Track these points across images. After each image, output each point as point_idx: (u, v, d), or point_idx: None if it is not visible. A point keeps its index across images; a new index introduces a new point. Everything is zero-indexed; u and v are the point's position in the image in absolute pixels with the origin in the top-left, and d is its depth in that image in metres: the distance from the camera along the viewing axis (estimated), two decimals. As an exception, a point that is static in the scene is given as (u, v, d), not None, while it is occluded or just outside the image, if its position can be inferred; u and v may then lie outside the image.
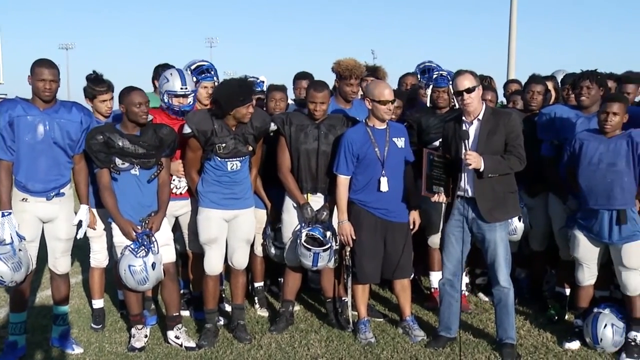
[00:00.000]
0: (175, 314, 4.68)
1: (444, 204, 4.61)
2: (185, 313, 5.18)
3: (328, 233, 4.71)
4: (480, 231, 4.43)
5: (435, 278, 5.42)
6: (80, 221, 4.49)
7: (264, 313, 5.38)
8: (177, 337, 4.64)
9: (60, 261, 4.51)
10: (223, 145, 4.49)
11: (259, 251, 5.31)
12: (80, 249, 5.24)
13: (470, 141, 4.30)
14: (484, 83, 6.03)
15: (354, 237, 4.65)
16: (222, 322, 5.07)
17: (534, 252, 5.49)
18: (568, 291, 5.15)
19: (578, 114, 4.82)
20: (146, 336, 4.69)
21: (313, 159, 4.76)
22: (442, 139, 4.63)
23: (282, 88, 5.60)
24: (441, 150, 4.64)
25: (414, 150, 4.85)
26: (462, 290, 5.03)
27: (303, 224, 4.75)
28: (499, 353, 4.47)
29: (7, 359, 4.34)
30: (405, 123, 5.24)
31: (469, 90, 4.27)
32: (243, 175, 4.64)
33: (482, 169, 4.21)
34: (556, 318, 5.14)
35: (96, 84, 4.81)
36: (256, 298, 5.48)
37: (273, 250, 5.12)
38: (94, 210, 4.72)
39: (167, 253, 4.55)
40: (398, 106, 5.30)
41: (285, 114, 4.93)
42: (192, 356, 4.52)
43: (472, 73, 4.37)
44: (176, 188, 4.76)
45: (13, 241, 4.12)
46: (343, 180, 4.62)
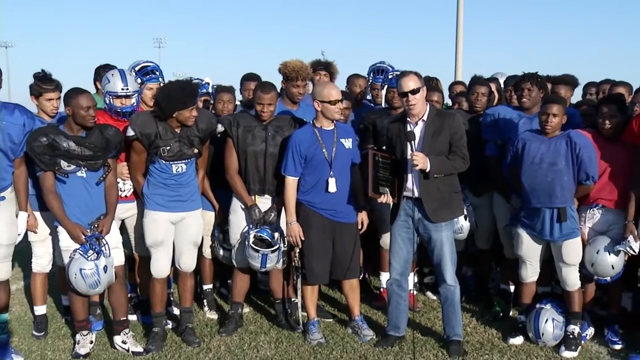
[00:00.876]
0: (122, 319, 4.60)
1: (391, 205, 4.65)
2: (132, 317, 5.08)
3: (276, 234, 4.70)
4: (426, 231, 4.49)
5: (385, 278, 5.47)
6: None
7: (213, 315, 5.34)
8: (124, 342, 4.56)
9: (0, 267, 4.37)
10: (167, 148, 4.43)
11: (208, 253, 5.26)
12: (21, 255, 5.10)
13: (415, 142, 4.34)
14: (431, 84, 6.13)
15: (303, 238, 4.66)
16: (170, 326, 5.01)
17: (480, 251, 5.60)
18: (513, 288, 5.27)
19: (520, 115, 4.93)
20: (92, 342, 4.59)
21: (261, 161, 4.75)
22: (387, 140, 4.66)
23: (230, 90, 5.56)
24: (386, 151, 4.67)
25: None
26: (411, 289, 5.09)
27: (251, 226, 4.73)
28: (447, 350, 4.54)
29: None
30: (361, 125, 5.28)
31: (414, 91, 4.31)
32: (189, 177, 4.60)
33: (429, 170, 4.26)
34: (501, 314, 5.25)
35: (44, 82, 4.67)
36: (205, 301, 5.44)
37: (222, 252, 5.08)
38: (37, 213, 4.60)
39: (116, 256, 4.46)
40: (347, 107, 5.34)
41: (232, 116, 4.91)
42: (140, 361, 4.45)
43: (417, 74, 4.41)
44: (121, 191, 4.68)
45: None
46: (291, 181, 4.61)
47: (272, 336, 4.89)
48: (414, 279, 5.40)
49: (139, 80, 4.84)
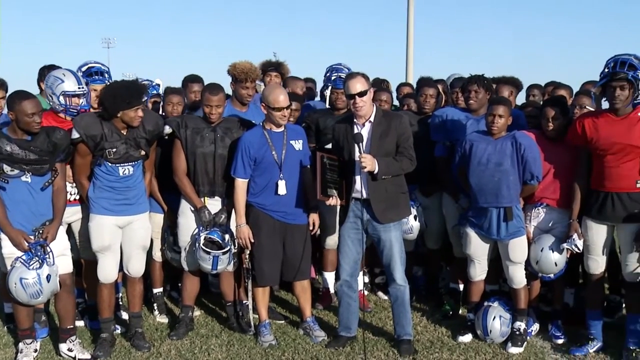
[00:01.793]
0: (69, 327, 4.48)
1: (338, 206, 4.67)
2: (79, 323, 4.98)
3: (227, 236, 4.68)
4: (375, 232, 4.52)
5: (328, 278, 5.51)
6: None
7: (164, 319, 5.27)
8: (70, 350, 4.45)
9: None
10: (114, 150, 4.36)
11: (158, 256, 5.20)
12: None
13: (363, 144, 4.37)
14: (382, 86, 6.19)
15: (253, 240, 4.64)
16: (119, 331, 4.92)
17: (430, 250, 5.67)
18: (462, 287, 5.36)
19: (468, 116, 5.03)
20: (36, 350, 4.46)
21: (210, 163, 4.71)
22: (334, 141, 4.68)
23: (180, 91, 5.51)
24: (333, 152, 4.67)
25: (313, 151, 4.88)
26: (361, 289, 5.13)
27: (201, 228, 4.69)
28: (397, 349, 4.59)
29: None
30: (303, 124, 5.28)
31: (361, 94, 4.33)
32: (136, 180, 4.53)
33: (377, 172, 4.29)
34: (451, 313, 5.33)
35: None
36: (155, 304, 5.36)
37: (172, 254, 5.02)
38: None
39: (64, 264, 4.33)
40: (296, 109, 5.34)
41: (180, 117, 4.87)
42: (86, 368, 4.37)
43: (364, 76, 4.43)
44: (69, 194, 4.57)
45: None
46: (241, 183, 4.59)
47: (224, 339, 4.86)
48: (365, 280, 5.44)
49: (84, 81, 4.76)
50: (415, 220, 5.15)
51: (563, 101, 4.82)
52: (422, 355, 4.57)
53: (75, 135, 4.31)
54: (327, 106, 5.61)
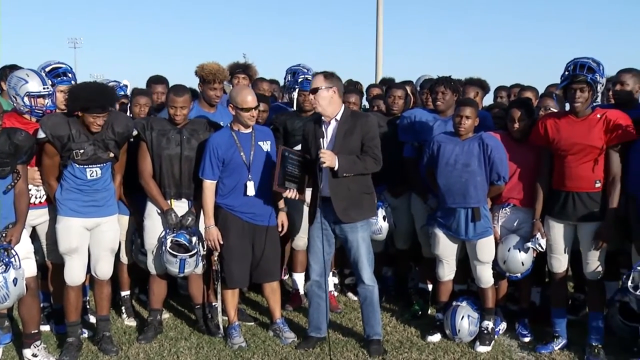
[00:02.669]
0: (33, 331, 4.38)
1: (306, 206, 4.67)
2: (45, 328, 4.90)
3: (194, 238, 4.65)
4: (342, 232, 4.54)
5: (298, 279, 5.51)
6: None
7: (132, 323, 5.22)
8: (35, 355, 4.36)
9: None
10: (81, 151, 4.30)
11: (125, 259, 5.14)
12: None
13: (327, 141, 4.38)
14: (357, 88, 6.25)
15: (222, 242, 4.62)
16: (87, 335, 4.86)
17: (399, 251, 5.70)
18: (431, 287, 5.40)
19: (436, 117, 5.08)
20: (-1, 356, 4.39)
21: (176, 165, 4.68)
22: (302, 139, 4.69)
23: (147, 92, 5.46)
24: (301, 150, 4.68)
25: None
26: (331, 290, 5.14)
27: (168, 230, 4.66)
28: (367, 350, 4.60)
29: None
30: (271, 126, 5.28)
31: (313, 90, 4.39)
32: (104, 182, 4.48)
33: (337, 168, 4.30)
34: (420, 313, 5.37)
35: None
36: (123, 307, 5.31)
37: (140, 257, 4.97)
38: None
39: (28, 267, 4.24)
40: (264, 110, 5.33)
41: (146, 119, 4.83)
42: (52, 373, 4.31)
43: (325, 75, 4.45)
44: (34, 197, 4.50)
45: None
46: (209, 185, 4.57)
47: (193, 342, 4.83)
48: (334, 281, 5.45)
49: (50, 82, 4.68)
50: (384, 220, 5.18)
51: (528, 102, 4.90)
52: (392, 355, 4.60)
53: (41, 135, 4.25)
54: (295, 108, 5.60)
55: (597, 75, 4.20)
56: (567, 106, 4.59)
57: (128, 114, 5.42)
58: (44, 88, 4.44)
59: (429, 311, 5.39)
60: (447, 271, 4.86)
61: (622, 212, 4.28)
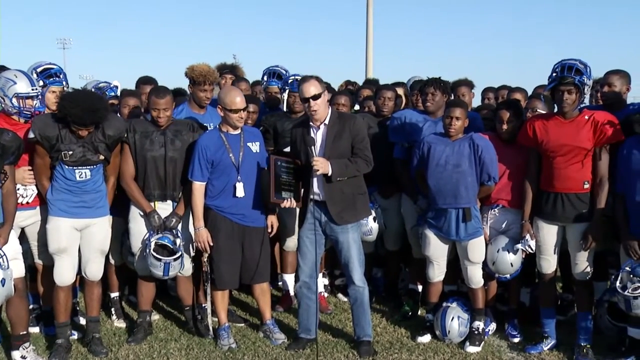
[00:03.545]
0: (22, 333, 4.37)
1: (297, 208, 4.67)
2: (34, 329, 4.89)
3: (178, 240, 4.64)
4: (333, 233, 4.55)
5: (288, 280, 5.51)
6: None
7: (122, 324, 5.21)
8: (24, 357, 4.34)
9: None
10: (70, 152, 4.30)
11: (114, 260, 5.12)
12: None
13: (317, 146, 4.38)
14: (354, 89, 6.25)
15: (211, 243, 4.62)
16: (76, 336, 4.85)
17: (389, 252, 5.71)
18: (421, 288, 5.40)
19: (426, 118, 5.08)
20: (-13, 358, 4.37)
21: (161, 166, 4.67)
22: (291, 144, 4.69)
23: (136, 94, 5.44)
24: (290, 155, 4.67)
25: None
26: (321, 291, 5.14)
27: (152, 232, 4.65)
28: (357, 351, 4.61)
29: None
30: (261, 127, 5.28)
31: (315, 97, 4.36)
32: (95, 184, 4.47)
33: (330, 174, 4.31)
34: (410, 314, 5.37)
35: None
36: (112, 309, 5.29)
37: (130, 258, 4.96)
38: None
39: (16, 267, 4.23)
40: (254, 111, 5.33)
41: (128, 121, 4.80)
42: (41, 375, 4.29)
43: (317, 79, 4.45)
44: (22, 197, 4.48)
45: None
46: (198, 186, 4.57)
47: (183, 343, 4.82)
48: (325, 282, 5.46)
49: (42, 82, 4.69)
50: (374, 222, 5.18)
51: (517, 104, 4.93)
52: (382, 356, 4.60)
53: (31, 135, 4.25)
54: (285, 109, 5.60)
55: (585, 77, 4.22)
56: (555, 107, 4.61)
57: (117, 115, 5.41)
58: (33, 89, 4.43)
59: (419, 312, 5.40)
60: (437, 272, 4.87)
61: (610, 212, 4.31)
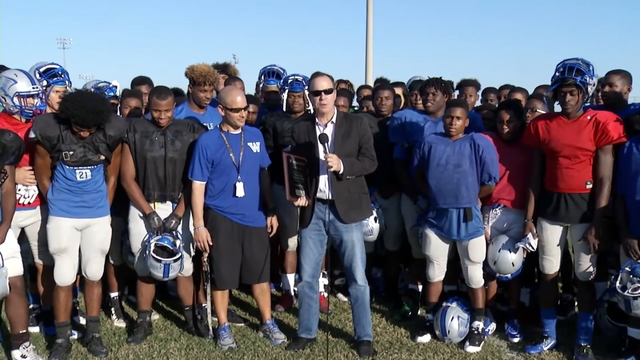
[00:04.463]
0: (21, 332, 4.36)
1: (298, 208, 4.67)
2: (34, 329, 4.89)
3: (177, 242, 4.64)
4: (337, 233, 4.54)
5: (288, 280, 5.51)
6: None
7: (121, 324, 5.21)
8: (24, 357, 4.34)
9: None
10: (70, 152, 4.29)
11: (114, 260, 5.12)
12: None
13: (328, 144, 4.37)
14: (349, 89, 6.24)
15: (211, 243, 4.62)
16: (76, 336, 4.84)
17: (389, 252, 5.71)
18: (420, 287, 5.41)
19: (426, 118, 5.08)
20: (-13, 357, 4.36)
21: (161, 167, 4.66)
22: (294, 142, 4.66)
23: (138, 94, 5.43)
24: (300, 153, 4.67)
25: (270, 153, 4.89)
26: (322, 291, 5.14)
27: (151, 234, 4.64)
28: (357, 350, 4.61)
29: None
30: (260, 127, 5.27)
31: (327, 91, 4.38)
32: (95, 184, 4.46)
33: (342, 171, 4.32)
34: (410, 314, 5.38)
35: None
36: (112, 309, 5.29)
37: (131, 258, 4.95)
38: None
39: (14, 266, 4.23)
40: (253, 111, 5.33)
41: (129, 121, 4.78)
42: (41, 375, 4.29)
43: (330, 77, 4.49)
44: (24, 197, 4.48)
45: None
46: (198, 186, 4.57)
47: (183, 343, 4.82)
48: (325, 282, 5.46)
49: (45, 82, 4.70)
50: (375, 222, 5.17)
51: (517, 104, 4.92)
52: (382, 356, 4.60)
53: (31, 135, 4.25)
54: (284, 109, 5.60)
55: (587, 76, 4.20)
56: (558, 107, 4.60)
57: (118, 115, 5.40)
58: (33, 88, 4.43)
59: (419, 312, 5.40)
60: (438, 272, 4.87)
61: (611, 213, 4.32)
